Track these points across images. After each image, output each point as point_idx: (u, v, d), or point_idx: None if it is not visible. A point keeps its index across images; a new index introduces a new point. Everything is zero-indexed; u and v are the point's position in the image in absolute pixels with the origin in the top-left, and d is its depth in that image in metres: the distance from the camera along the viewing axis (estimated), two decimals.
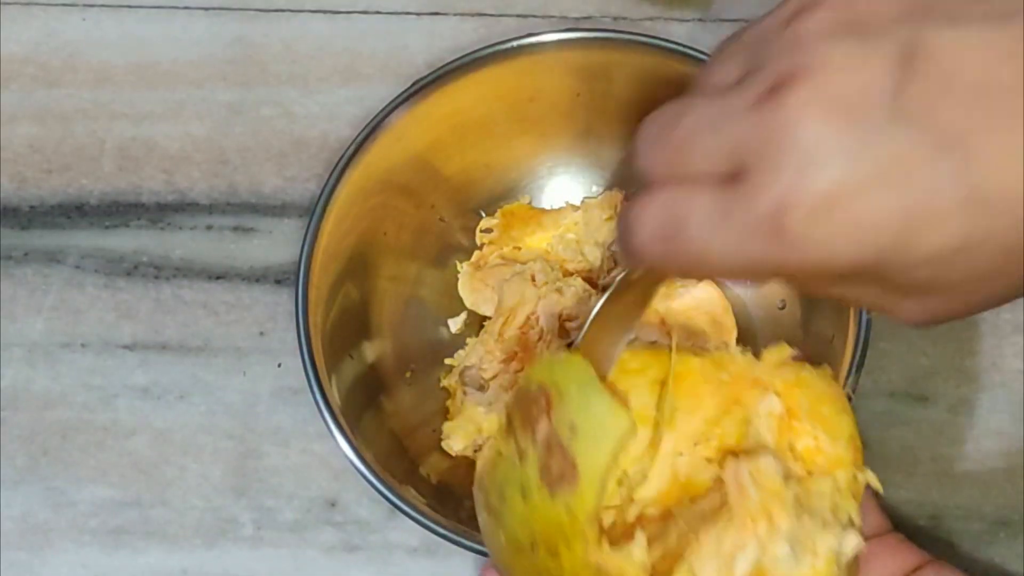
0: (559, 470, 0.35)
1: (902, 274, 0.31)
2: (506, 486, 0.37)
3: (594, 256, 0.57)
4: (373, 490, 0.50)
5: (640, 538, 0.36)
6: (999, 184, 0.29)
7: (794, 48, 0.31)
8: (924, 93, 0.29)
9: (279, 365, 0.59)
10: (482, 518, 0.39)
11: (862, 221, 0.29)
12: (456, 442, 0.55)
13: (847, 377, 0.49)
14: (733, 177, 0.31)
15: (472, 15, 0.63)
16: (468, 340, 0.58)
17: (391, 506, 0.50)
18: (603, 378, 0.37)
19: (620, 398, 0.36)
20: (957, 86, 0.29)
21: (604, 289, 0.58)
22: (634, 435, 0.35)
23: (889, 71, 0.29)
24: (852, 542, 0.37)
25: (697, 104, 0.32)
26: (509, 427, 0.37)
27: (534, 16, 0.63)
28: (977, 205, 0.29)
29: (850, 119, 0.29)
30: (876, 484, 0.39)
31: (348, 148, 0.54)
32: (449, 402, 0.56)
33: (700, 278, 0.36)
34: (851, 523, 0.37)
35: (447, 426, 0.55)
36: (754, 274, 0.32)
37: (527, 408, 0.36)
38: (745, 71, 0.32)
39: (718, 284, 0.58)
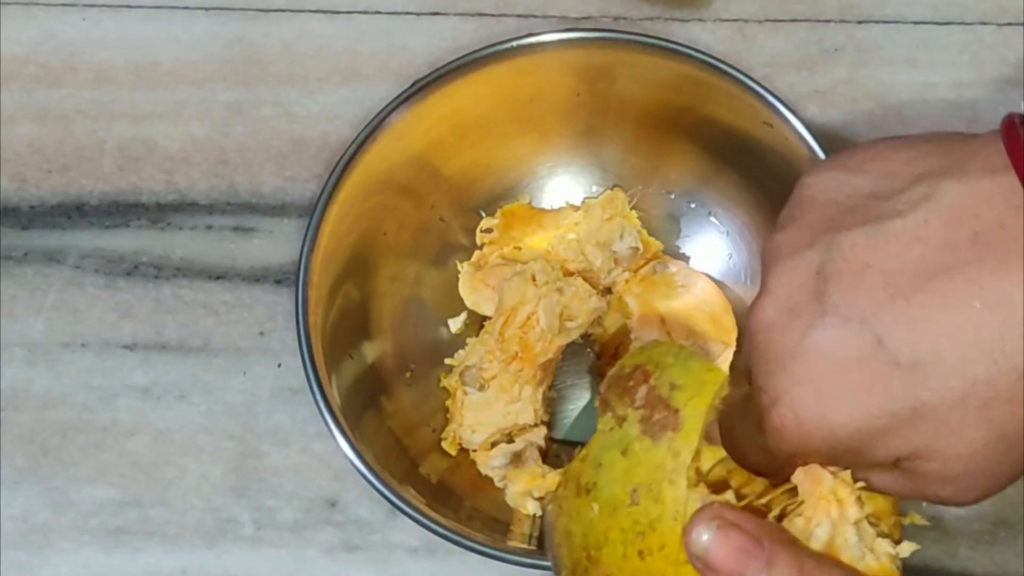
0: (662, 420, 0.38)
1: (882, 445, 0.35)
2: (604, 453, 0.39)
3: (595, 256, 0.57)
4: (373, 490, 0.50)
5: (731, 492, 0.39)
6: (918, 352, 0.34)
7: (765, 265, 0.38)
8: (840, 290, 0.35)
9: (279, 365, 0.59)
10: (566, 515, 0.41)
11: (819, 407, 0.35)
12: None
13: None
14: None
15: (472, 15, 0.63)
16: (468, 340, 0.58)
17: (391, 506, 0.50)
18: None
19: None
20: (868, 276, 0.34)
21: (606, 290, 0.58)
22: (727, 388, 0.39)
23: (810, 277, 0.36)
24: (908, 547, 0.39)
25: None
26: (604, 406, 0.40)
27: (534, 16, 0.63)
28: (907, 372, 0.34)
29: (790, 328, 0.36)
30: (921, 521, 0.40)
31: (348, 148, 0.54)
32: (449, 402, 0.56)
33: (765, 474, 0.41)
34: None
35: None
36: (781, 462, 0.38)
37: (623, 384, 0.40)
38: None
39: (718, 284, 0.58)
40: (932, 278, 0.33)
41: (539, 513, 0.54)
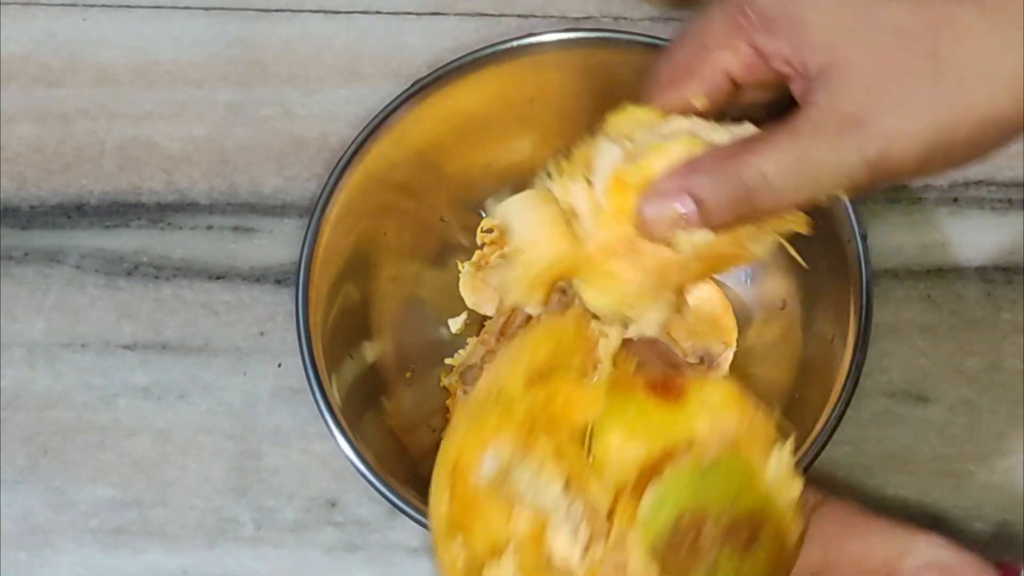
0: (750, 532, 0.38)
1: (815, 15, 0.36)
2: None
3: None
4: (373, 490, 0.50)
5: None
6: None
7: None
8: None
9: (279, 365, 0.59)
10: None
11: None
12: None
13: (848, 374, 0.49)
14: None
15: (472, 15, 0.63)
16: (468, 340, 0.58)
17: (391, 506, 0.50)
18: None
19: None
20: None
21: None
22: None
23: None
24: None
25: None
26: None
27: (534, 16, 0.63)
28: (935, 24, 0.35)
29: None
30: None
31: (348, 148, 0.54)
32: (449, 401, 0.56)
33: (693, 72, 0.41)
34: None
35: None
36: (718, 29, 0.39)
37: (683, 549, 0.37)
38: None
39: (718, 284, 0.58)
40: None
41: None
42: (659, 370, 0.41)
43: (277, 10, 0.64)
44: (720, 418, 0.39)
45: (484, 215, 0.59)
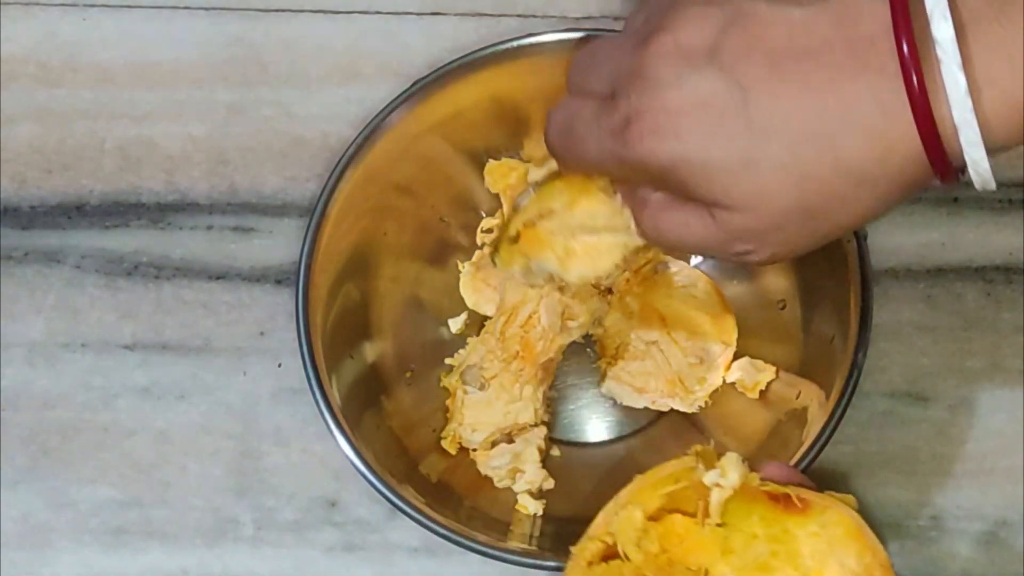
0: None
1: (705, 182, 0.40)
2: None
3: None
4: (373, 490, 0.50)
5: None
6: (770, 119, 0.39)
7: (666, 10, 0.42)
8: (733, 51, 0.39)
9: (279, 365, 0.59)
10: None
11: (674, 132, 0.40)
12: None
13: (848, 374, 0.49)
14: (610, 97, 0.42)
15: (472, 15, 0.63)
16: (469, 340, 0.58)
17: (391, 506, 0.50)
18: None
19: None
20: (757, 48, 0.39)
21: (607, 290, 0.58)
22: None
23: (715, 32, 0.40)
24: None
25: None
26: None
27: (534, 16, 0.63)
28: (754, 133, 0.39)
29: (683, 63, 0.40)
30: None
31: (348, 148, 0.54)
32: (449, 401, 0.56)
33: (583, 171, 0.47)
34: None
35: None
36: (610, 166, 0.43)
37: None
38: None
39: (718, 284, 0.58)
40: (804, 66, 0.38)
41: (539, 513, 0.54)
42: (784, 485, 0.41)
43: (277, 10, 0.64)
44: (837, 552, 0.39)
45: (484, 215, 0.59)
